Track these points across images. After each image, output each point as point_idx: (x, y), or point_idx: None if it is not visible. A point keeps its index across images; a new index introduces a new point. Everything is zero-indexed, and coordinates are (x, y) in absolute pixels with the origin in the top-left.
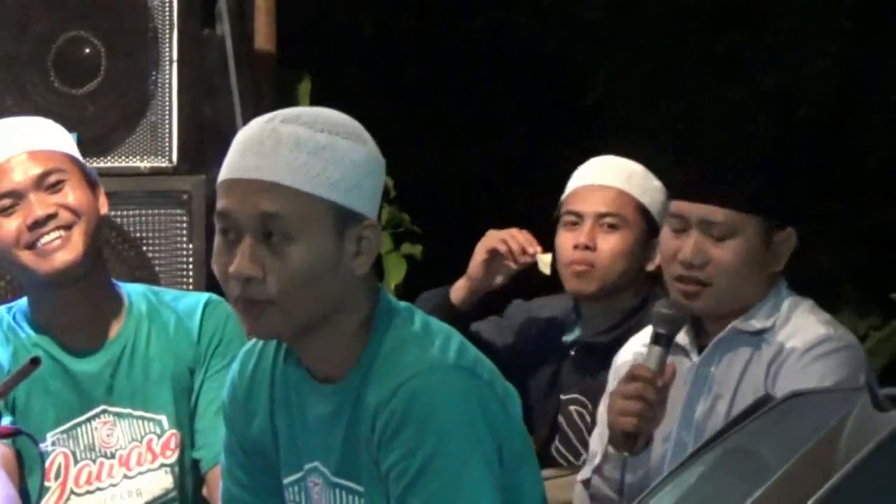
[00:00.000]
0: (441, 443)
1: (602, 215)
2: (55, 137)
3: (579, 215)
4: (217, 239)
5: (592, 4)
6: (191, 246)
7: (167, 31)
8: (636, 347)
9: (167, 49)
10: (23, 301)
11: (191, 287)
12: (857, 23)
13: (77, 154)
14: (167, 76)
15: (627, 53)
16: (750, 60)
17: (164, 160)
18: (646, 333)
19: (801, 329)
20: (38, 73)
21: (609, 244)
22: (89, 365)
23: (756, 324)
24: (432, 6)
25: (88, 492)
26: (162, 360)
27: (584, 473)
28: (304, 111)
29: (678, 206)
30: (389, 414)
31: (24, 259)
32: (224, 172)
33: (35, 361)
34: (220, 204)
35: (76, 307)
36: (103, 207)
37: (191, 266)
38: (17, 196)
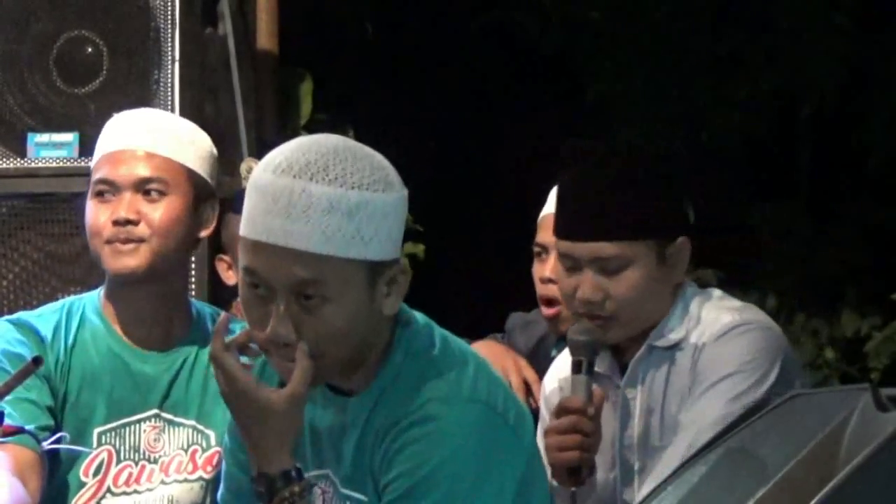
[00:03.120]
0: (440, 467)
1: None
2: (183, 147)
3: (543, 247)
4: (244, 290)
5: (593, 4)
6: None
7: (169, 31)
8: (560, 374)
9: (169, 48)
10: (94, 293)
11: (192, 285)
12: (858, 22)
13: (204, 170)
14: (169, 75)
15: (628, 53)
16: (750, 60)
17: None
18: (563, 358)
19: (710, 323)
20: (39, 73)
21: None
22: (149, 367)
23: (672, 337)
24: (432, 6)
25: (125, 493)
26: None
27: None
28: (330, 162)
29: (565, 246)
30: (398, 433)
31: (102, 250)
32: (249, 230)
33: (37, 361)
34: (248, 261)
35: (143, 307)
36: (204, 229)
37: (193, 264)
38: (114, 188)
